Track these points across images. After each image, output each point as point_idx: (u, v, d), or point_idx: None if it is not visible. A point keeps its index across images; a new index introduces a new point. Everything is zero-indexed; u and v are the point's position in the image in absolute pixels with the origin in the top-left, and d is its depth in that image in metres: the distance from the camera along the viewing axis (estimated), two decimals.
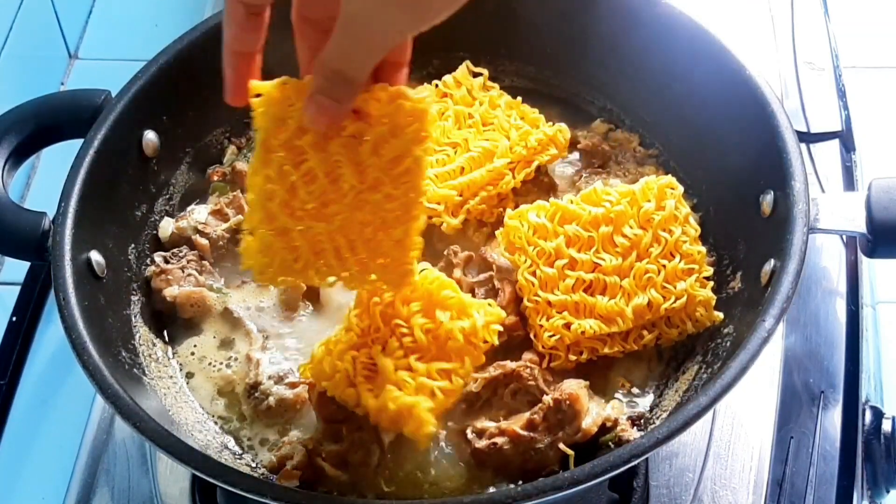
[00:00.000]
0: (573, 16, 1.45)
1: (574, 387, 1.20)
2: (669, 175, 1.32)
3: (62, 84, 1.91)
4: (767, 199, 1.25)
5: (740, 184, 1.31)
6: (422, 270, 1.16)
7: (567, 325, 1.25)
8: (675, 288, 1.26)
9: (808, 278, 1.49)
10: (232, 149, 1.49)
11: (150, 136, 1.37)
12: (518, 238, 1.29)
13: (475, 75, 1.46)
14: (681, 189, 1.30)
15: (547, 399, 1.19)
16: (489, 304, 1.19)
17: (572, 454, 1.17)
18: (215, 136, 1.48)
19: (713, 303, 1.27)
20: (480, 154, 1.38)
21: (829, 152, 1.61)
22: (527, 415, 1.19)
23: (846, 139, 1.64)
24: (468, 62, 1.47)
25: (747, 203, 1.28)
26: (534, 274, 1.27)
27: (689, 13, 1.36)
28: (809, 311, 1.46)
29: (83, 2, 2.00)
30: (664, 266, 1.26)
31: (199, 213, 1.41)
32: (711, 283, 1.28)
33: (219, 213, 1.41)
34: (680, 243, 1.27)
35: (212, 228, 1.39)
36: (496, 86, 1.47)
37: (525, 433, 1.18)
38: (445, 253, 1.32)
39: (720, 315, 1.26)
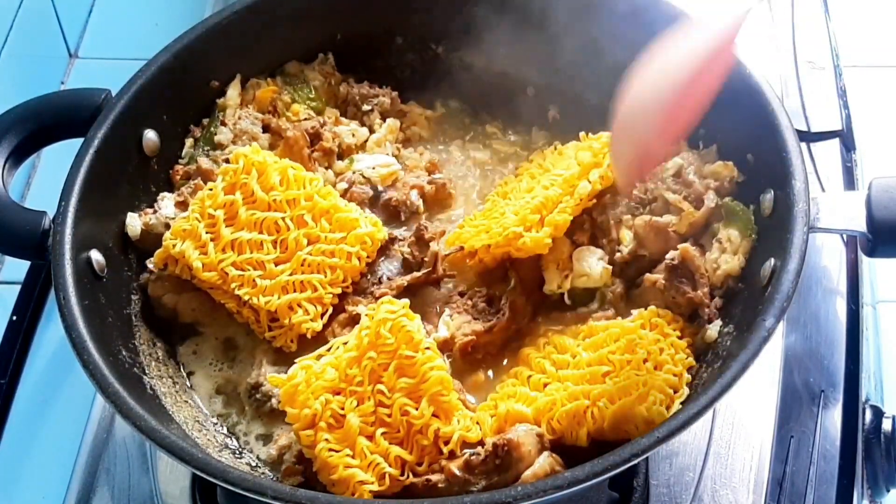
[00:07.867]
0: (573, 16, 1.45)
1: (521, 434, 1.16)
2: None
3: (62, 83, 1.91)
4: (768, 199, 1.25)
5: (740, 183, 1.31)
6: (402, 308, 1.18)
7: None
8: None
9: (809, 277, 1.48)
10: (189, 141, 1.44)
11: (150, 135, 1.37)
12: None
13: None
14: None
15: (488, 442, 1.16)
16: (476, 418, 1.19)
17: None
18: None
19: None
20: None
21: (829, 151, 1.61)
22: (466, 454, 1.16)
23: (846, 138, 1.64)
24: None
25: (748, 202, 1.28)
26: None
27: (690, 12, 1.36)
28: (810, 311, 1.46)
29: (83, 2, 2.00)
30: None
31: (166, 208, 1.36)
32: None
33: (184, 206, 1.35)
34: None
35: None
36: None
37: (461, 474, 1.15)
38: None
39: None
